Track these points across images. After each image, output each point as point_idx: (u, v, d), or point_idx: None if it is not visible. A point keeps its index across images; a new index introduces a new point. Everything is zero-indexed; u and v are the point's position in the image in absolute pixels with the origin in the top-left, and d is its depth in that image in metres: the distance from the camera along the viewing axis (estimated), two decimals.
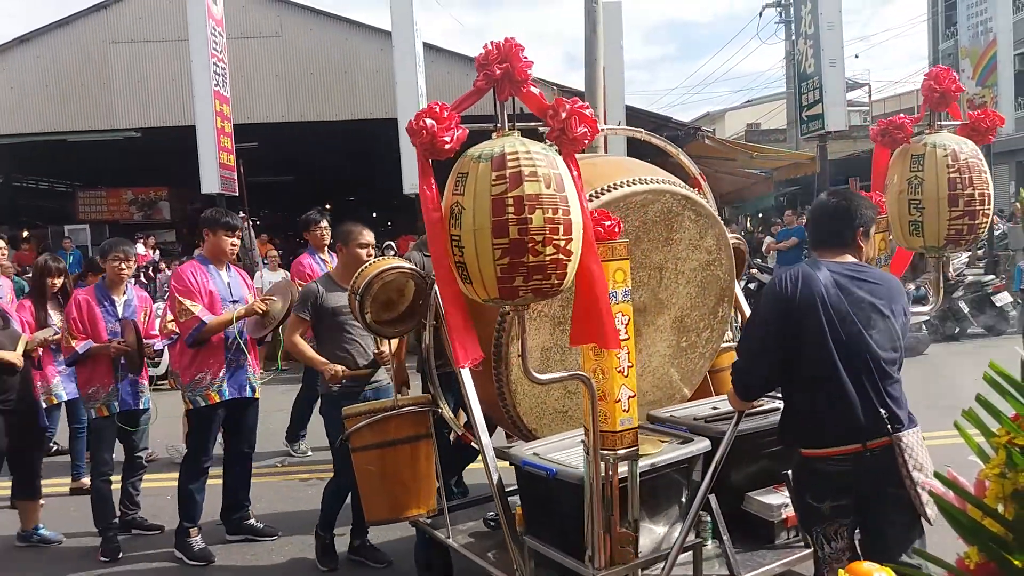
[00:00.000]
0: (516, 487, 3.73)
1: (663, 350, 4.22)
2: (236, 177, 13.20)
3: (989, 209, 3.73)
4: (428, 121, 2.67)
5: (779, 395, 3.39)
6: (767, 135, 30.87)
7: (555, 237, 2.59)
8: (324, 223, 7.07)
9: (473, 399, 3.65)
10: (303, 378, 7.09)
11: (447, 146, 2.69)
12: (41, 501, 5.52)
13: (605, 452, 2.97)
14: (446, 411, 4.04)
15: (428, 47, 12.70)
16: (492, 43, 2.70)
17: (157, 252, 18.87)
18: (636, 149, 6.79)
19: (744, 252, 5.03)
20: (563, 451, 3.47)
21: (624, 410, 2.95)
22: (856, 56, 53.03)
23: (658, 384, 4.29)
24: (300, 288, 5.13)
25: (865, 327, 2.78)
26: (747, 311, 4.48)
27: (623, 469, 3.05)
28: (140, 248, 18.48)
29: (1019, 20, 17.82)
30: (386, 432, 3.94)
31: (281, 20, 16.69)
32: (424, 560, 4.18)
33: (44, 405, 5.83)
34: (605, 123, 6.55)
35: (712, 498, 3.49)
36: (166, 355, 8.09)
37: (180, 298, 4.83)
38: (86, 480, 6.12)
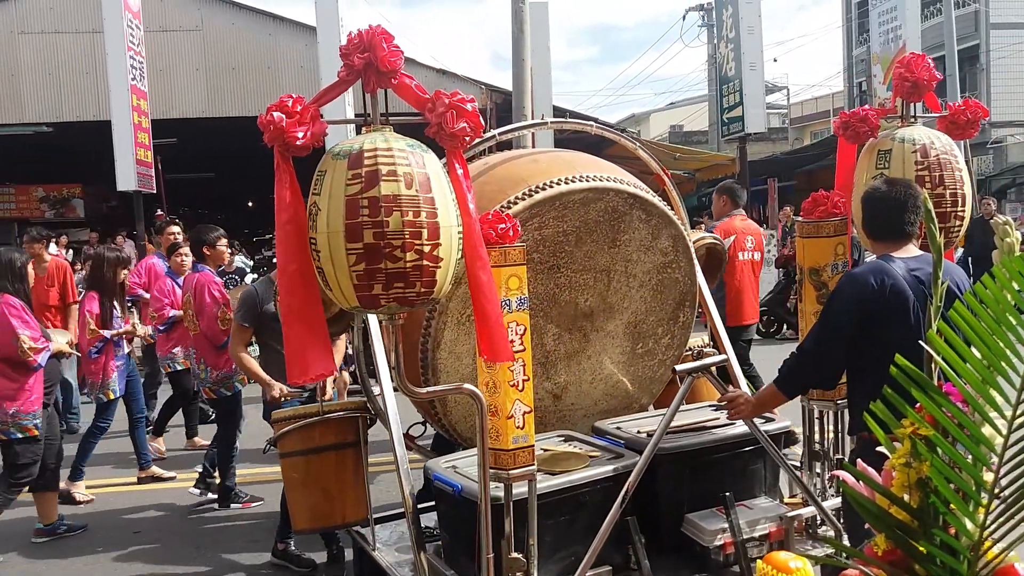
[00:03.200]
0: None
1: (616, 357, 4.06)
2: (154, 174, 12.80)
3: (963, 211, 3.44)
4: (276, 115, 2.50)
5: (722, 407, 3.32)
6: (690, 137, 31.46)
7: (417, 242, 2.41)
8: None
9: (391, 404, 3.53)
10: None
11: (299, 142, 2.50)
12: None
13: (496, 471, 2.82)
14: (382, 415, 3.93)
15: None
16: (357, 30, 2.52)
17: (70, 252, 18.12)
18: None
19: (721, 252, 4.81)
20: None
21: (518, 427, 2.81)
22: (775, 60, 54.42)
23: (611, 392, 4.13)
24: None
25: None
26: (716, 315, 4.31)
27: (524, 489, 2.89)
28: (52, 248, 17.66)
29: (927, 28, 18.61)
30: (310, 439, 3.81)
31: (202, 13, 16.26)
32: (358, 569, 4.11)
33: (103, 399, 5.94)
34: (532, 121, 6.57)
35: (632, 521, 3.27)
36: None
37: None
38: (156, 469, 6.40)
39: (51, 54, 15.97)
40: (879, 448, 1.43)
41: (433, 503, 3.61)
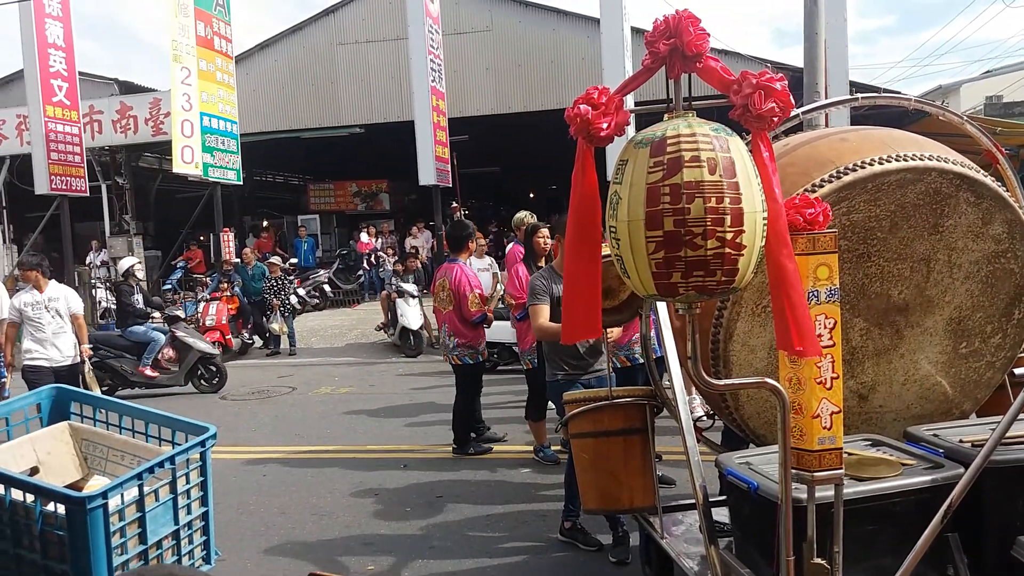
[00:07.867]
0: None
1: (933, 356, 3.71)
2: (450, 169, 13.74)
3: None
4: (583, 107, 2.52)
5: None
6: (1011, 108, 27.70)
7: (719, 229, 2.31)
8: None
9: (680, 394, 3.48)
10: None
11: (603, 133, 2.52)
12: None
13: (799, 472, 2.70)
14: (670, 402, 3.89)
15: (636, 31, 12.52)
16: (663, 17, 2.47)
17: (379, 240, 20.08)
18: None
19: None
20: None
21: (825, 427, 2.64)
22: None
23: (925, 396, 3.78)
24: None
25: None
26: None
27: (828, 493, 2.74)
28: (364, 237, 19.81)
29: None
30: (599, 422, 3.88)
31: (492, 14, 17.20)
32: (645, 555, 4.13)
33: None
34: (826, 99, 6.11)
35: (953, 538, 3.03)
36: None
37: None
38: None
39: (363, 61, 17.78)
40: None
41: (722, 497, 3.51)
